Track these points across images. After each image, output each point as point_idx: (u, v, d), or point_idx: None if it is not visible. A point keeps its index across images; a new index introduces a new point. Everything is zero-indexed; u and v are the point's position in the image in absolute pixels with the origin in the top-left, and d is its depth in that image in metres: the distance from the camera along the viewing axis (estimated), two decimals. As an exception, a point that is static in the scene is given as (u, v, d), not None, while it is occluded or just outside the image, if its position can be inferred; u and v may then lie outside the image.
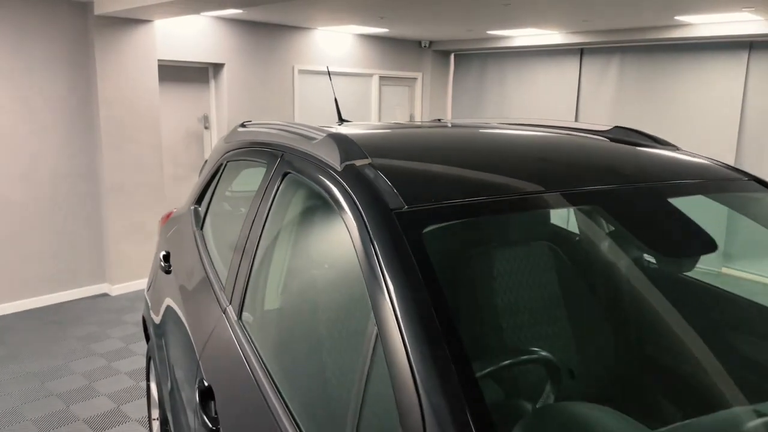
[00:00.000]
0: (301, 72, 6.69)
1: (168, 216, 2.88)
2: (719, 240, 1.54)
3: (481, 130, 1.85)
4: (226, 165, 2.29)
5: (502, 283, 1.47)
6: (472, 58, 8.09)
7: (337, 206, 1.28)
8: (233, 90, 6.08)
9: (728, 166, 1.68)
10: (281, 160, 1.70)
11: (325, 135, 1.50)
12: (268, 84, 6.37)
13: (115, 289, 5.21)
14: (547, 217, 1.76)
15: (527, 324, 1.47)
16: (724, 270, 1.96)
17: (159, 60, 5.53)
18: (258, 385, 1.36)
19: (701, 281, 1.74)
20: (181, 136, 6.03)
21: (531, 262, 1.55)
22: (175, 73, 5.85)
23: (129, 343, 4.24)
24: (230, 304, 1.68)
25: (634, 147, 1.71)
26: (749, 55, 5.78)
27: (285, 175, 1.64)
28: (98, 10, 4.65)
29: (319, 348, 1.30)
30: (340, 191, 1.29)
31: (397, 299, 1.01)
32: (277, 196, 1.65)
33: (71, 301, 5.06)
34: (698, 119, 6.19)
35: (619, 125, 1.95)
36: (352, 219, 1.20)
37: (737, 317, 1.69)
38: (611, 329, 1.61)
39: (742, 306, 1.70)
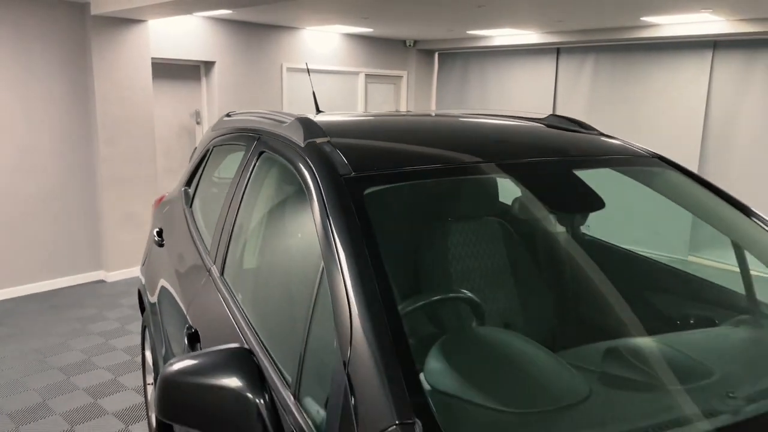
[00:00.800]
0: (289, 70, 6.97)
1: (161, 199, 3.16)
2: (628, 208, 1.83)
3: (430, 118, 2.13)
4: (212, 150, 2.58)
5: (433, 235, 1.76)
6: (455, 57, 8.39)
7: (299, 175, 1.57)
8: (224, 87, 6.36)
9: (641, 148, 1.97)
10: (258, 142, 1.98)
11: (293, 119, 1.78)
12: (257, 81, 6.64)
13: (111, 276, 5.48)
14: (491, 185, 2.04)
15: (456, 269, 1.75)
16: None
17: (153, 58, 5.79)
18: (236, 324, 1.64)
19: (623, 247, 2.04)
20: (173, 130, 6.30)
21: (471, 228, 1.84)
22: (168, 70, 6.12)
23: (125, 324, 4.51)
24: (214, 264, 1.96)
25: (560, 131, 2.00)
26: (713, 54, 6.10)
27: (261, 153, 1.92)
28: (95, 11, 4.92)
29: (283, 287, 1.59)
30: (302, 163, 1.57)
31: (339, 243, 1.29)
32: (254, 171, 1.93)
33: (69, 287, 5.33)
34: (667, 116, 6.51)
35: (554, 113, 2.25)
36: (311, 184, 1.49)
37: (650, 276, 1.99)
38: (539, 283, 1.90)
39: (655, 267, 2.00)
